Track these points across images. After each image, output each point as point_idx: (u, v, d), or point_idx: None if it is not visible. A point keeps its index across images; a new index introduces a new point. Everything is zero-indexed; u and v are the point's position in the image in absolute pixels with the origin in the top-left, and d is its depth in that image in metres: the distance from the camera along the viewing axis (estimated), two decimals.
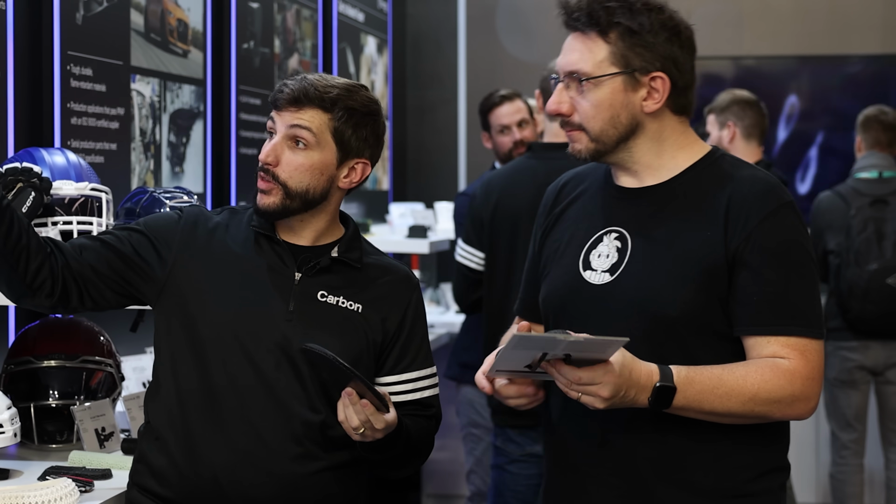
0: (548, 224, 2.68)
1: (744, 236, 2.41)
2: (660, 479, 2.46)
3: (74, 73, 3.74)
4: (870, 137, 5.89)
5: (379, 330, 2.72)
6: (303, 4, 5.67)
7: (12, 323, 3.60)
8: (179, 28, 4.43)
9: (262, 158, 2.65)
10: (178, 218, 2.73)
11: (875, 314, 5.64)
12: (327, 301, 2.69)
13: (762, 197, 2.43)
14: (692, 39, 2.52)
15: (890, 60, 7.31)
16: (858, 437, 5.93)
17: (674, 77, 2.48)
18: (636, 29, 2.45)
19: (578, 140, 2.52)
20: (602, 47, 2.46)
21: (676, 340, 2.43)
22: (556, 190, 2.71)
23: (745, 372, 2.38)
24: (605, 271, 2.50)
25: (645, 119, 2.49)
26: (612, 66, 2.46)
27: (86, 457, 3.05)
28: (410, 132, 7.61)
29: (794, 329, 2.40)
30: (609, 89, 2.47)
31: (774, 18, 7.35)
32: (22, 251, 2.55)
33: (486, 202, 4.35)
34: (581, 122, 2.50)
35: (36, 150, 3.29)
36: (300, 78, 2.66)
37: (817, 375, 2.41)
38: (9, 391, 3.24)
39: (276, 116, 2.67)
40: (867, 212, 5.71)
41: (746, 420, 2.41)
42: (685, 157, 2.52)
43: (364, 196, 6.59)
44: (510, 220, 4.25)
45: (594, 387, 2.30)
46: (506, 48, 7.37)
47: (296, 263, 2.69)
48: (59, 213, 3.17)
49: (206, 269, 2.67)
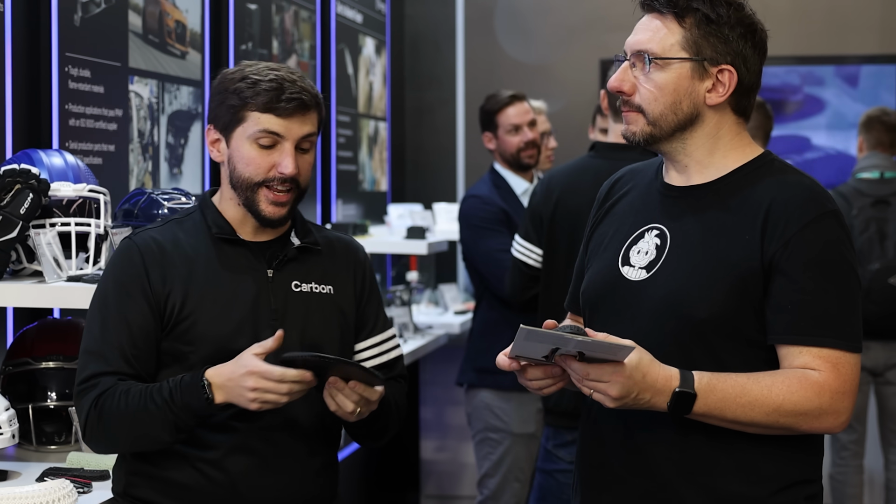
0: (597, 218, 2.66)
1: (782, 243, 2.36)
2: (683, 482, 2.42)
3: (72, 75, 3.74)
4: (871, 138, 5.89)
5: (351, 304, 2.79)
6: (301, 6, 5.67)
7: (10, 324, 3.59)
8: (177, 29, 4.43)
9: (287, 172, 2.64)
10: (139, 259, 2.66)
11: (877, 314, 5.63)
12: (302, 290, 2.72)
13: (804, 204, 2.38)
14: (765, 43, 2.48)
15: (888, 60, 7.31)
16: (858, 438, 5.93)
17: (741, 74, 2.44)
18: (714, 18, 2.41)
19: (635, 122, 2.48)
20: (676, 30, 2.43)
21: (704, 343, 2.40)
22: (610, 185, 2.69)
23: (772, 382, 2.34)
24: (643, 268, 2.48)
25: (706, 111, 2.46)
26: (683, 50, 2.43)
27: (84, 458, 3.05)
28: (409, 133, 7.60)
29: (827, 340, 2.35)
30: (675, 74, 2.43)
31: (772, 19, 7.29)
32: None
33: (546, 199, 4.31)
34: (641, 103, 2.46)
35: (34, 152, 3.28)
36: (282, 80, 2.64)
37: (849, 389, 2.36)
38: (7, 392, 3.24)
39: (283, 123, 2.64)
40: (869, 212, 5.71)
41: (772, 431, 2.37)
42: (736, 157, 2.49)
43: (362, 197, 6.58)
44: (571, 218, 4.22)
45: (602, 384, 2.28)
46: (504, 49, 7.36)
47: (265, 260, 2.71)
48: (57, 215, 3.17)
49: (188, 292, 2.65)
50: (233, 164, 2.67)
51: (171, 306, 2.63)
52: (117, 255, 2.72)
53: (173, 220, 2.75)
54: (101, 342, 2.63)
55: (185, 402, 2.53)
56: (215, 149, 2.72)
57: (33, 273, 3.19)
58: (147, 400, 2.56)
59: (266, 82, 2.63)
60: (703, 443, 2.41)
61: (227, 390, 2.53)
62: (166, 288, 2.64)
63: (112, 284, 2.68)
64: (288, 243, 2.74)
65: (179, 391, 2.54)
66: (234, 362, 2.54)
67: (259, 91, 2.62)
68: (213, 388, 2.53)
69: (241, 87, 2.64)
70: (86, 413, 2.60)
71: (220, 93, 2.69)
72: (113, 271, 2.70)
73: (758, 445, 2.40)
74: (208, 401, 2.52)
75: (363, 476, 6.68)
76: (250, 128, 2.64)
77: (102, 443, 2.65)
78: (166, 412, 2.54)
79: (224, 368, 2.55)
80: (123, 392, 2.57)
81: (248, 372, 2.50)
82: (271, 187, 2.65)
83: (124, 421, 2.57)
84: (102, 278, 2.72)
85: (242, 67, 2.68)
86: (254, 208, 2.67)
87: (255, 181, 2.65)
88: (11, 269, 3.19)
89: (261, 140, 2.64)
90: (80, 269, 3.14)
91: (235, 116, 2.65)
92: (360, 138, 6.53)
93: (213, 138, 2.72)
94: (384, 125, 7.06)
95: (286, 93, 2.62)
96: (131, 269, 2.66)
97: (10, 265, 3.16)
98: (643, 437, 2.45)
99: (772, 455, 2.42)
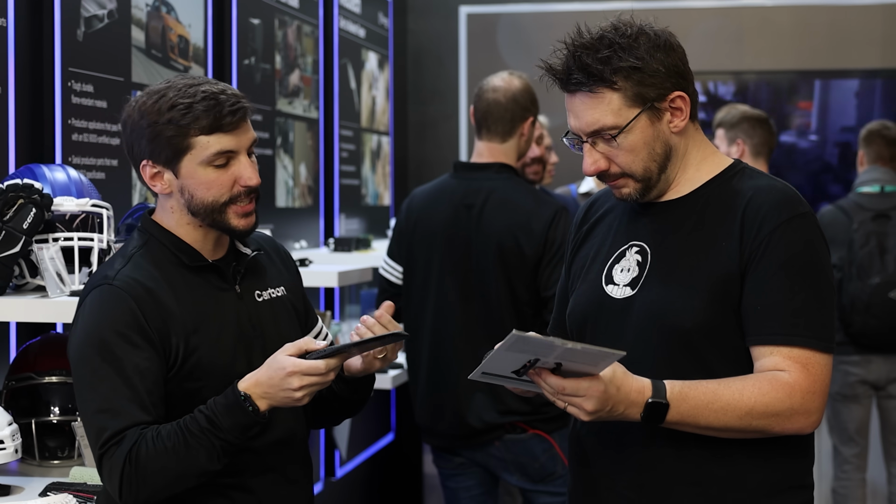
0: (576, 241, 2.70)
1: (756, 245, 2.40)
2: (675, 490, 2.45)
3: (75, 90, 3.75)
4: (872, 152, 5.90)
5: (299, 300, 2.81)
6: (304, 20, 5.68)
7: (13, 339, 3.59)
8: (180, 44, 4.44)
9: (252, 183, 2.59)
10: (131, 304, 2.53)
11: (877, 328, 5.63)
12: (264, 298, 2.72)
13: (777, 206, 2.42)
14: (676, 42, 2.51)
15: (890, 74, 7.32)
16: (860, 452, 5.93)
17: (685, 88, 2.49)
18: (639, 65, 2.43)
19: (625, 185, 2.52)
20: (614, 97, 2.45)
21: (693, 353, 2.42)
22: (586, 208, 2.73)
23: (742, 386, 2.36)
24: (627, 285, 2.51)
25: (675, 140, 2.50)
26: (632, 108, 2.45)
27: (87, 473, 3.05)
28: (412, 147, 7.61)
29: (796, 340, 2.37)
30: (639, 131, 2.46)
31: (774, 33, 7.36)
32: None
33: (408, 219, 4.46)
34: (622, 170, 2.50)
35: (37, 167, 3.29)
36: (213, 94, 2.54)
37: (819, 389, 2.38)
38: (10, 407, 3.24)
39: (232, 138, 2.57)
40: (869, 226, 5.71)
41: (746, 435, 2.39)
42: (707, 169, 2.53)
43: (365, 211, 6.59)
44: (428, 237, 4.36)
45: (578, 399, 2.30)
46: (507, 64, 7.37)
47: (230, 277, 2.68)
48: (60, 230, 3.17)
49: (186, 329, 2.58)
50: (189, 193, 2.58)
51: (174, 346, 2.55)
52: (102, 303, 2.54)
53: (134, 254, 2.62)
54: (112, 398, 2.49)
55: (233, 423, 2.46)
56: (158, 182, 2.60)
57: (36, 288, 3.20)
58: (185, 434, 2.46)
59: (198, 103, 2.53)
60: (695, 448, 2.43)
61: (270, 396, 2.48)
62: (166, 328, 2.55)
63: (109, 335, 2.51)
64: (240, 255, 2.70)
65: (219, 414, 2.46)
66: (267, 368, 2.49)
67: (197, 115, 2.53)
68: (254, 399, 2.48)
69: (174, 117, 2.53)
70: (120, 470, 2.45)
71: (147, 127, 2.56)
72: (104, 321, 2.53)
73: (746, 450, 2.43)
74: (255, 412, 2.47)
75: (366, 490, 6.67)
76: (200, 153, 2.56)
77: (142, 495, 2.48)
78: (211, 439, 2.46)
79: (259, 377, 2.49)
80: (154, 436, 2.46)
81: (289, 373, 2.47)
82: (237, 202, 2.60)
83: (165, 462, 2.45)
84: (88, 331, 2.54)
85: (160, 95, 2.55)
86: (225, 226, 2.61)
87: (220, 202, 2.59)
88: (14, 284, 3.19)
89: (216, 162, 2.57)
90: (83, 284, 3.15)
91: (180, 147, 2.55)
92: (362, 153, 6.54)
93: (152, 173, 2.60)
94: (387, 139, 7.07)
95: (225, 107, 2.54)
96: (127, 315, 2.52)
97: (14, 280, 3.17)
98: (635, 445, 2.47)
99: (761, 459, 2.44)
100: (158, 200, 2.66)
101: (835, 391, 5.80)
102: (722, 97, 7.40)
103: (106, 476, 2.49)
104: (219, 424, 2.46)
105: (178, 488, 2.51)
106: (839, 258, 5.72)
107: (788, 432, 2.41)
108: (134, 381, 2.49)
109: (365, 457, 6.29)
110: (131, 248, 2.64)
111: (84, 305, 2.58)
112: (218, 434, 2.46)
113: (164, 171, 2.59)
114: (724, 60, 7.30)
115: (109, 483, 2.49)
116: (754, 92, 7.48)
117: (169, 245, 2.63)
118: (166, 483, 2.48)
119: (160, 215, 2.66)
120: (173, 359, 2.55)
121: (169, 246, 2.63)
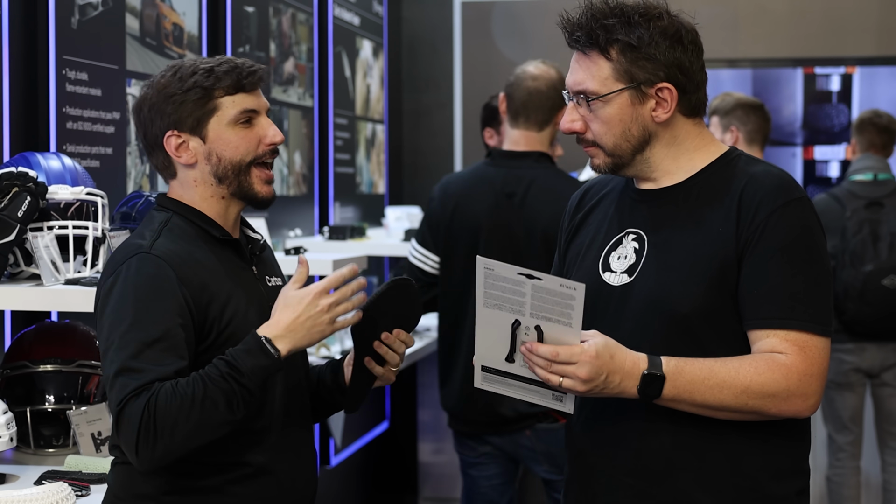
0: (570, 230, 2.71)
1: (752, 229, 2.41)
2: (673, 475, 2.46)
3: (70, 78, 3.75)
4: (864, 140, 5.90)
5: None
6: (298, 8, 5.68)
7: (8, 327, 3.60)
8: (175, 32, 4.43)
9: (277, 140, 2.63)
10: (170, 272, 2.50)
11: (871, 316, 5.64)
12: (272, 284, 2.71)
13: (773, 191, 2.43)
14: (697, 40, 2.52)
15: (885, 62, 7.32)
16: (854, 440, 5.94)
17: (681, 84, 2.49)
18: (635, 43, 2.45)
19: (596, 155, 2.54)
20: (605, 65, 2.48)
21: (692, 339, 2.43)
22: (579, 196, 2.74)
23: (739, 364, 2.37)
24: (624, 272, 2.52)
25: (657, 128, 2.51)
26: (617, 82, 2.47)
27: (82, 461, 3.05)
28: (406, 136, 7.61)
29: (793, 323, 2.38)
30: (617, 105, 2.48)
31: (770, 21, 7.36)
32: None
33: (444, 207, 4.37)
34: (595, 138, 2.52)
35: (31, 155, 3.29)
36: (230, 61, 2.61)
37: (817, 372, 2.38)
38: (5, 396, 3.24)
39: (254, 98, 2.62)
40: (862, 214, 5.72)
41: (744, 416, 2.40)
42: (702, 157, 2.54)
43: (360, 199, 6.59)
44: (468, 225, 4.30)
45: (571, 367, 2.31)
46: (501, 51, 7.37)
47: (247, 257, 2.69)
48: (54, 218, 3.17)
49: (222, 301, 2.56)
50: (216, 156, 2.60)
51: (211, 318, 2.53)
52: (141, 269, 2.50)
53: (162, 229, 2.59)
54: (142, 354, 2.43)
55: (254, 365, 2.43)
56: (183, 153, 2.60)
57: (31, 276, 3.20)
58: (204, 382, 2.41)
59: (219, 66, 2.59)
60: (693, 437, 2.44)
61: (293, 334, 2.47)
62: (203, 299, 2.53)
63: (147, 295, 2.47)
64: (251, 238, 2.72)
65: (240, 359, 2.43)
66: (284, 307, 2.49)
67: (220, 76, 2.58)
68: (274, 342, 2.46)
69: (198, 80, 2.58)
70: (138, 421, 2.38)
71: (170, 97, 2.58)
72: (143, 282, 2.49)
73: (744, 434, 2.44)
74: (278, 354, 2.45)
75: (361, 478, 6.69)
76: (227, 113, 2.59)
77: (159, 449, 2.40)
78: (231, 384, 2.41)
79: (280, 318, 2.48)
80: (173, 385, 2.41)
81: (311, 300, 2.48)
82: (261, 164, 2.62)
83: (184, 411, 2.39)
84: (123, 293, 2.48)
85: (177, 68, 2.60)
86: (248, 193, 2.62)
87: (246, 161, 2.60)
88: (9, 272, 3.20)
89: (241, 120, 2.60)
90: (78, 272, 3.15)
91: (206, 108, 2.58)
92: (357, 141, 6.54)
93: (177, 143, 2.59)
94: (381, 128, 7.07)
95: (244, 69, 2.60)
96: (168, 283, 2.49)
97: (8, 268, 3.17)
98: (633, 436, 2.48)
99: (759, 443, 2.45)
100: (177, 177, 2.64)
101: (829, 379, 5.81)
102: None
103: (123, 429, 2.41)
104: (239, 368, 2.43)
105: (196, 442, 2.43)
106: (832, 246, 5.73)
107: (786, 415, 2.41)
108: (164, 343, 2.44)
109: (360, 445, 6.30)
110: (157, 223, 2.61)
111: (119, 272, 2.51)
112: (239, 379, 2.42)
113: (189, 139, 2.60)
114: (720, 48, 7.30)
115: (125, 438, 2.41)
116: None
117: (195, 219, 2.62)
118: (185, 435, 2.41)
119: (179, 192, 2.65)
120: (208, 329, 2.53)
121: (195, 220, 2.62)
